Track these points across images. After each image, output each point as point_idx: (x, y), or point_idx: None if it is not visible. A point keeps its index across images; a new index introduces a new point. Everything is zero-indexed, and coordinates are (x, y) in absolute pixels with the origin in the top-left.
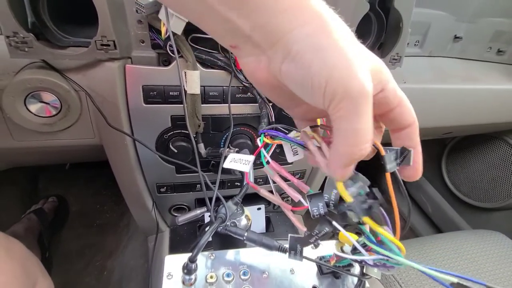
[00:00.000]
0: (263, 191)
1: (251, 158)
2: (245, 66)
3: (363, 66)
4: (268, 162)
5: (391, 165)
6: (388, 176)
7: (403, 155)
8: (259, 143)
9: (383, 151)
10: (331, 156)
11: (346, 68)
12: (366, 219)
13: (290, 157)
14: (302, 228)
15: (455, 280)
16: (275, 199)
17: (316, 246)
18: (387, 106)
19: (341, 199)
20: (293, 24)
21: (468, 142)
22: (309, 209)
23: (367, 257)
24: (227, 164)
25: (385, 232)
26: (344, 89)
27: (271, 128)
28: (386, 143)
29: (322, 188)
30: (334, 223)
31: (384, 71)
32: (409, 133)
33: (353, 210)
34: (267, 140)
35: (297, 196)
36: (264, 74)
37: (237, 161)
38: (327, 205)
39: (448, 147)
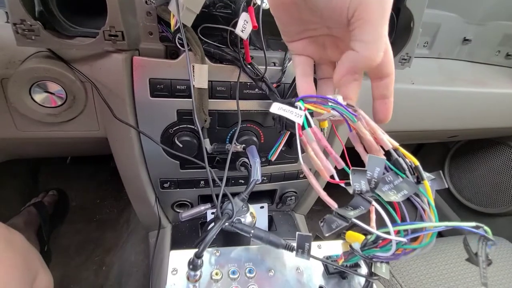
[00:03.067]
0: (310, 150)
1: (302, 112)
2: None
3: None
4: (310, 125)
5: None
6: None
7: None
8: (301, 106)
9: None
10: (345, 62)
11: None
12: (425, 183)
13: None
14: (334, 205)
15: None
16: (318, 162)
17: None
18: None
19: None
20: None
21: (472, 147)
22: (351, 183)
23: (393, 236)
24: (275, 109)
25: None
26: None
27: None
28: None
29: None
30: (374, 203)
31: None
32: (387, 83)
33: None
34: (312, 107)
35: (331, 169)
36: None
37: (287, 111)
38: (369, 182)
39: (451, 151)
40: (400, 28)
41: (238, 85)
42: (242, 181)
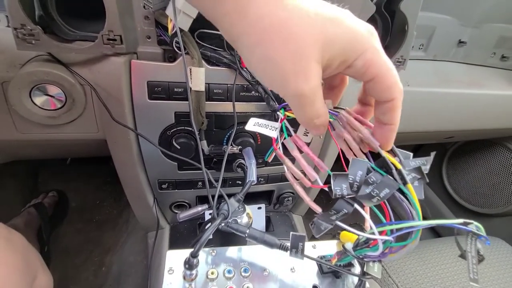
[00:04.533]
0: (288, 161)
1: (277, 124)
2: None
3: (302, 70)
4: (290, 135)
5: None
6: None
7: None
8: (281, 115)
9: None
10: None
11: (281, 79)
12: (409, 185)
13: (303, 138)
14: (318, 209)
15: None
16: (296, 171)
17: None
18: (360, 78)
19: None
20: (237, 30)
21: (469, 148)
22: (332, 188)
23: (378, 236)
24: (250, 126)
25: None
26: (283, 95)
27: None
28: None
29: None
30: (356, 205)
31: (353, 48)
32: (385, 109)
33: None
34: (291, 114)
35: (314, 175)
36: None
37: (262, 126)
38: (351, 186)
39: (449, 152)
40: (395, 31)
41: (235, 88)
42: (239, 182)
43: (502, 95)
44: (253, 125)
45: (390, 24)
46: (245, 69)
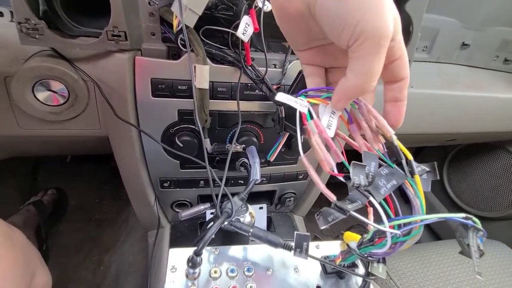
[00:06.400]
0: (317, 138)
1: (306, 102)
2: None
3: (391, 13)
4: (312, 117)
5: None
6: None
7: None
8: (304, 101)
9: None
10: (340, 88)
11: (380, 12)
12: (416, 177)
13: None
14: (332, 197)
15: None
16: (320, 153)
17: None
18: (391, 56)
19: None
20: None
21: (471, 151)
22: (351, 177)
23: (386, 228)
24: (281, 98)
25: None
26: (372, 30)
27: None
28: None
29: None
30: (371, 198)
31: (399, 22)
32: (401, 86)
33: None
34: (313, 101)
35: (331, 163)
36: (297, 5)
37: (291, 100)
38: (366, 176)
39: (450, 155)
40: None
41: (239, 86)
42: (242, 182)
43: (504, 98)
44: (284, 97)
45: None
46: (249, 67)
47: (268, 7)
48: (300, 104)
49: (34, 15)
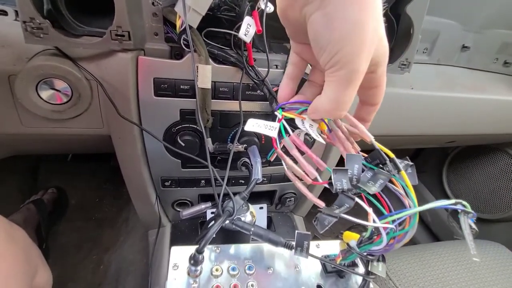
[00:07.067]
0: (288, 160)
1: (276, 124)
2: (281, 1)
3: (371, 49)
4: (288, 133)
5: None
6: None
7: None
8: (279, 115)
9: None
10: (314, 105)
11: (358, 51)
12: (402, 172)
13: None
14: (321, 204)
15: None
16: (296, 169)
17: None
18: (371, 83)
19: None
20: None
21: (470, 153)
22: (333, 183)
23: (381, 224)
24: (250, 127)
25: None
26: (347, 64)
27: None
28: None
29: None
30: (357, 199)
31: (383, 58)
32: (371, 110)
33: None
34: (290, 115)
35: (314, 173)
36: (295, 13)
37: (261, 126)
38: (350, 180)
39: (449, 156)
40: (400, 34)
41: (241, 87)
42: (243, 181)
43: (504, 100)
44: (252, 125)
45: (396, 27)
46: (251, 67)
47: (270, 8)
48: (269, 128)
49: (39, 14)
